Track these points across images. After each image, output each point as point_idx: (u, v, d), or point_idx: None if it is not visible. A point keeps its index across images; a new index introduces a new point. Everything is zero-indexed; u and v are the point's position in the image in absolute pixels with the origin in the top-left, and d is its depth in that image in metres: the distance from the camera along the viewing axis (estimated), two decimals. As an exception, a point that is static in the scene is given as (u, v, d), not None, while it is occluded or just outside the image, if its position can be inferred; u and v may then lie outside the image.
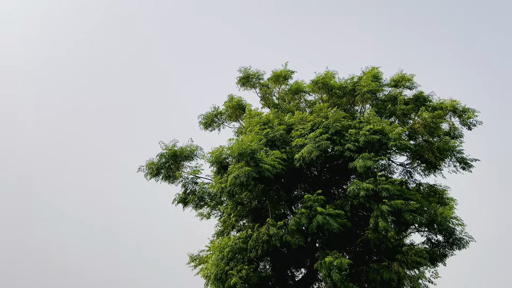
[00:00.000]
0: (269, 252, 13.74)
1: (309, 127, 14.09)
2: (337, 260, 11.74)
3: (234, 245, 13.58)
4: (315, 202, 12.81)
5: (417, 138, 14.75)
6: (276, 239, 12.40)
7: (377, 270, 12.46)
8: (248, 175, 12.63)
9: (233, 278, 12.85)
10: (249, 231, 13.93)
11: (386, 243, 12.54)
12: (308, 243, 13.67)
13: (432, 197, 14.54)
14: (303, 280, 16.31)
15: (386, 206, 11.83)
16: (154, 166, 16.00)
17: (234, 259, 13.49)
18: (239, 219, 15.81)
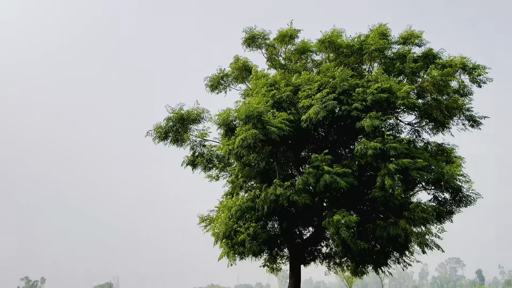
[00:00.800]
0: (277, 211, 14.01)
1: (316, 88, 13.98)
2: (345, 218, 12.00)
3: (242, 205, 13.88)
4: (322, 162, 12.91)
5: (425, 96, 14.58)
6: (283, 199, 12.61)
7: (384, 227, 12.69)
8: (255, 137, 12.70)
9: (241, 235, 13.23)
10: (257, 191, 14.15)
11: (393, 201, 12.66)
12: (316, 202, 13.85)
13: (440, 156, 14.53)
14: (311, 238, 16.69)
15: (393, 165, 11.89)
16: (162, 130, 16.11)
17: (243, 218, 13.82)
18: (247, 180, 16.00)
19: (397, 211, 13.14)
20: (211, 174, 18.57)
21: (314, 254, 17.48)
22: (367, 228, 13.24)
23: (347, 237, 11.94)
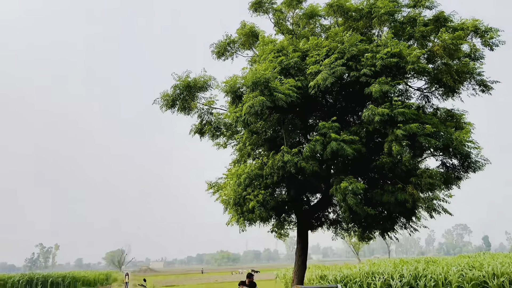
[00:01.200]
0: (285, 179, 14.11)
1: (324, 53, 13.75)
2: (352, 184, 12.03)
3: (250, 172, 13.98)
4: (330, 129, 12.86)
5: (436, 61, 14.30)
6: (290, 166, 12.65)
7: (391, 192, 12.73)
8: (262, 104, 12.61)
9: (251, 202, 13.39)
10: (265, 158, 14.22)
11: (401, 167, 12.64)
12: (323, 169, 13.87)
13: (449, 122, 14.38)
14: (318, 204, 16.85)
15: (401, 131, 11.80)
16: (169, 98, 16.05)
17: (251, 185, 13.94)
18: (254, 147, 16.04)
19: (405, 177, 13.14)
20: (218, 142, 18.64)
21: (321, 220, 17.70)
22: (374, 194, 13.30)
23: (353, 204, 12.01)
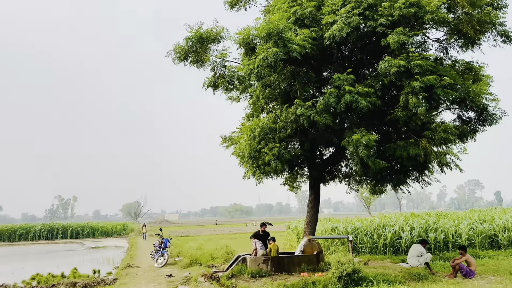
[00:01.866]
0: (298, 132, 14.12)
1: (340, 2, 13.30)
2: (364, 137, 11.97)
3: (264, 126, 13.99)
4: (344, 82, 12.68)
5: (456, 10, 13.75)
6: (304, 119, 12.60)
7: (404, 146, 12.69)
8: (276, 56, 12.41)
9: (266, 156, 13.52)
10: (278, 112, 14.19)
11: (415, 120, 12.51)
12: (337, 123, 13.81)
13: (467, 74, 14.05)
14: (331, 158, 16.94)
15: (417, 83, 11.58)
16: (182, 50, 15.87)
17: (265, 139, 14.01)
18: (268, 101, 15.98)
19: (419, 131, 13.05)
20: (232, 95, 18.59)
21: (334, 174, 17.85)
22: (387, 148, 13.28)
23: (365, 156, 12.00)
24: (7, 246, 47.70)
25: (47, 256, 32.49)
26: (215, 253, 20.47)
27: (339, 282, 11.00)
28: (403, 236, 19.03)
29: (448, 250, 18.84)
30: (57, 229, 58.99)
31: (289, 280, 12.32)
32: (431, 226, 19.83)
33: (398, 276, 12.02)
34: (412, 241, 18.42)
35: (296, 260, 14.18)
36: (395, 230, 19.61)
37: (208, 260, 18.82)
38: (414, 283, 11.59)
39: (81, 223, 64.57)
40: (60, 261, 27.20)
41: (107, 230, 61.84)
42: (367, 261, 15.99)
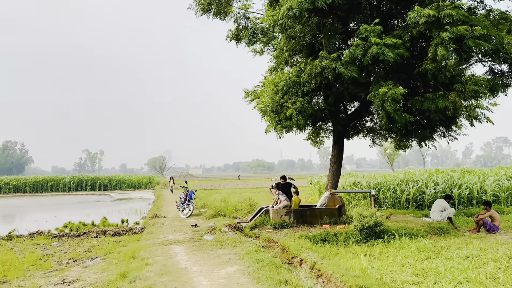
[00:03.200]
0: (322, 86, 13.88)
1: None
2: (391, 90, 11.66)
3: (288, 80, 13.76)
4: (371, 33, 12.21)
5: (493, -45, 12.88)
6: (329, 71, 12.32)
7: (432, 99, 12.33)
8: (301, 6, 12.00)
9: (288, 110, 13.34)
10: (302, 65, 13.90)
11: (445, 73, 12.07)
12: (362, 76, 13.47)
13: (502, 25, 13.33)
14: (356, 112, 16.69)
15: (447, 33, 11.05)
16: (205, 2, 15.54)
17: (289, 93, 13.82)
18: (292, 54, 15.63)
19: (448, 84, 12.63)
20: (255, 48, 18.31)
21: (358, 129, 17.66)
22: (414, 101, 12.94)
23: (391, 110, 11.74)
24: (40, 197, 49.92)
25: (77, 206, 33.92)
26: (239, 205, 20.94)
27: (361, 235, 11.12)
28: (426, 192, 18.96)
29: (472, 206, 18.74)
30: (86, 181, 61.21)
31: (311, 231, 12.56)
32: (455, 182, 19.65)
33: (420, 230, 12.07)
34: (435, 197, 18.35)
35: (318, 213, 14.38)
36: (419, 186, 19.53)
37: (231, 212, 19.29)
38: (436, 237, 11.63)
39: (108, 176, 66.67)
40: (90, 211, 28.39)
41: (133, 182, 63.80)
42: (389, 215, 16.09)
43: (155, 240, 13.04)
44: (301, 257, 9.64)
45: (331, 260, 8.95)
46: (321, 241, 11.25)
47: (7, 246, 14.14)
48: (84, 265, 11.08)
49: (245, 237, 12.84)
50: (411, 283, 6.96)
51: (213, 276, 8.14)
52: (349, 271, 7.84)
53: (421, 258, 8.81)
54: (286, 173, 23.28)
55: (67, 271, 10.38)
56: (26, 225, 19.40)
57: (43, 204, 37.40)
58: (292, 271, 8.59)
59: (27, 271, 10.49)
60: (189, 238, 13.21)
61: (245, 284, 7.39)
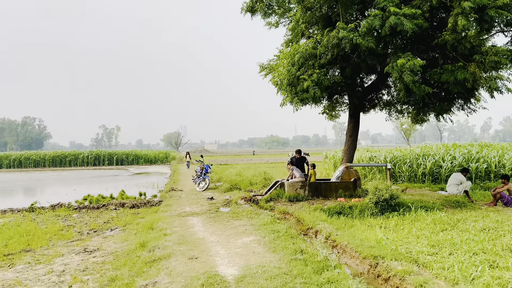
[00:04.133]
0: (339, 58, 13.67)
1: None
2: (409, 62, 11.43)
3: (304, 52, 13.58)
4: (390, 3, 11.91)
5: None
6: (346, 42, 12.10)
7: (451, 71, 12.07)
8: (317, -25, 11.73)
9: (305, 82, 13.21)
10: (319, 36, 13.67)
11: (465, 44, 11.75)
12: (380, 47, 13.21)
13: (527, -6, 12.84)
14: (373, 85, 16.45)
15: (468, 3, 10.68)
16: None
17: (305, 65, 13.66)
18: (308, 26, 15.35)
19: (468, 55, 12.32)
20: (270, 21, 18.02)
21: (375, 102, 17.45)
22: (433, 73, 12.67)
23: (410, 82, 11.53)
24: (59, 171, 50.99)
25: (96, 180, 34.61)
26: (254, 179, 21.10)
27: (376, 208, 11.15)
28: (443, 166, 18.80)
29: (489, 180, 18.54)
30: (103, 156, 62.22)
31: (326, 204, 12.63)
32: (473, 156, 19.41)
33: (436, 203, 12.04)
34: (452, 171, 18.19)
35: (333, 186, 14.42)
36: (435, 160, 19.35)
37: (247, 186, 19.46)
38: (452, 210, 11.59)
39: (125, 151, 67.61)
40: (108, 185, 28.94)
41: (150, 157, 64.60)
42: (405, 189, 16.05)
43: (172, 212, 13.28)
44: (316, 228, 9.74)
45: (346, 232, 9.03)
46: (336, 213, 11.33)
47: (30, 217, 14.58)
48: (104, 235, 11.39)
49: (260, 209, 12.99)
50: (426, 254, 7.00)
51: (229, 246, 8.30)
52: (364, 242, 7.91)
53: (436, 230, 8.83)
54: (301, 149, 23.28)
55: (88, 241, 10.70)
56: (47, 198, 19.93)
57: (62, 178, 38.25)
58: (307, 242, 8.71)
59: (50, 240, 10.84)
60: (205, 210, 13.42)
61: (261, 253, 7.52)
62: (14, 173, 48.47)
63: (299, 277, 6.00)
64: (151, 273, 6.87)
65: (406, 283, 5.67)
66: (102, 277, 7.23)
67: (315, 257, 7.03)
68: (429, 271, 6.11)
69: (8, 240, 10.76)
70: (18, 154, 61.33)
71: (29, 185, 31.82)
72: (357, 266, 7.15)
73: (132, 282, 6.65)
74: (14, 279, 7.36)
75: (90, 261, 8.50)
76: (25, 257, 9.15)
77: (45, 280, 7.30)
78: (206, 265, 6.93)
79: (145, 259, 7.85)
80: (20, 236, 11.21)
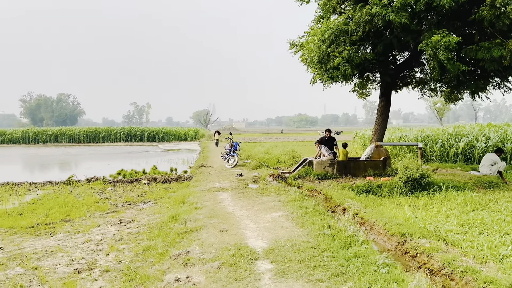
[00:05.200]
0: (371, 34, 13.40)
1: None
2: (444, 38, 11.11)
3: (335, 28, 13.36)
4: (426, -23, 11.54)
5: None
6: (378, 19, 11.84)
7: (487, 48, 11.66)
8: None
9: (335, 59, 13.03)
10: (351, 12, 13.43)
11: (503, 19, 11.28)
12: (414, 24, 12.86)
13: None
14: (405, 63, 16.09)
15: (510, -24, 10.27)
16: None
17: (336, 42, 13.46)
18: (340, 1, 15.08)
19: (506, 32, 11.87)
20: (302, -4, 17.74)
21: (407, 80, 17.09)
22: (468, 50, 12.29)
23: (444, 59, 11.22)
24: (93, 146, 52.59)
25: (128, 156, 35.56)
26: (282, 157, 21.21)
27: (405, 187, 11.08)
28: (476, 146, 18.34)
29: (525, 161, 18.00)
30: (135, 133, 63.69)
31: (354, 182, 12.64)
32: (509, 136, 18.82)
33: (467, 183, 11.86)
34: (486, 151, 17.73)
35: (362, 165, 14.38)
36: (469, 140, 18.90)
37: (275, 163, 19.61)
38: (484, 190, 11.40)
39: (156, 128, 68.91)
40: (140, 160, 29.71)
41: (180, 134, 65.66)
42: (436, 169, 15.82)
43: (202, 187, 13.62)
44: (344, 206, 9.82)
45: (374, 210, 9.07)
46: (365, 192, 11.35)
47: (67, 190, 15.26)
48: (137, 208, 11.83)
49: (288, 186, 13.14)
50: (455, 232, 6.99)
51: (258, 220, 8.51)
52: (392, 219, 7.94)
53: (467, 210, 8.74)
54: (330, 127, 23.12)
55: (123, 213, 11.16)
56: (82, 172, 20.71)
57: (96, 153, 39.50)
58: (334, 218, 8.81)
59: (87, 211, 11.37)
60: (234, 186, 13.68)
61: (289, 228, 7.69)
62: (51, 148, 50.35)
63: (326, 251, 6.14)
64: (183, 243, 7.16)
65: (434, 260, 5.72)
66: (137, 247, 7.58)
67: (343, 233, 7.14)
68: (458, 249, 6.13)
69: (49, 210, 11.36)
70: (54, 130, 63.53)
71: (65, 159, 33.06)
72: (384, 243, 7.22)
73: (166, 251, 6.96)
74: (56, 246, 7.83)
75: (125, 231, 8.90)
76: (65, 226, 9.66)
77: (84, 247, 7.72)
78: (236, 237, 7.16)
79: (177, 230, 8.16)
80: (59, 207, 11.80)
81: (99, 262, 6.80)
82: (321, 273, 5.23)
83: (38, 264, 6.74)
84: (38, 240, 8.42)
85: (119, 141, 62.12)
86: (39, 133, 62.28)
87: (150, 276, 5.77)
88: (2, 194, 14.49)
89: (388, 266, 5.47)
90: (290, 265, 5.58)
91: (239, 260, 5.84)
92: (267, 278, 5.14)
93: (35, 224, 9.82)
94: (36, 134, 62.05)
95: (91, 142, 61.56)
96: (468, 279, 4.98)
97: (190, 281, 5.24)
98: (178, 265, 6.01)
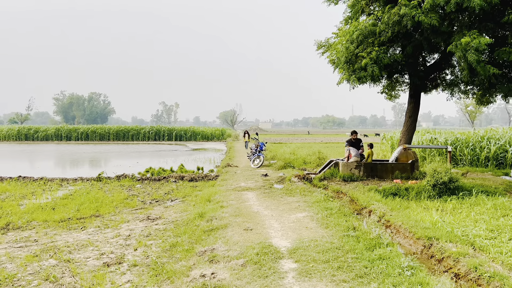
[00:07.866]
0: (400, 35, 13.25)
1: None
2: (475, 40, 10.87)
3: (363, 29, 13.25)
4: (457, -23, 11.32)
5: None
6: (407, 20, 11.69)
7: (521, 50, 11.36)
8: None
9: (363, 60, 12.93)
10: (379, 13, 13.31)
11: (539, 21, 10.99)
12: (444, 25, 12.64)
13: None
14: (435, 64, 15.81)
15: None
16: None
17: (364, 43, 13.36)
18: (368, 2, 14.96)
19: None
20: (330, -3, 17.67)
21: (437, 82, 16.78)
22: (501, 52, 11.97)
23: (474, 61, 10.97)
24: (122, 144, 53.79)
25: (156, 154, 36.21)
26: (308, 158, 21.19)
27: (434, 190, 10.90)
28: (509, 150, 17.84)
29: (561, 167, 17.38)
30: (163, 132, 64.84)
31: (381, 185, 12.53)
32: (544, 141, 18.24)
33: (498, 188, 11.57)
34: (519, 156, 17.24)
35: (389, 167, 14.23)
36: (501, 144, 18.39)
37: (301, 164, 19.61)
38: (516, 196, 11.10)
39: (184, 127, 69.90)
40: (168, 159, 30.22)
41: (207, 134, 66.38)
42: (466, 173, 15.49)
43: (228, 187, 13.78)
44: (369, 208, 9.76)
45: (401, 213, 8.98)
46: (391, 194, 11.22)
47: (97, 186, 15.71)
48: (165, 205, 12.09)
49: (313, 187, 13.14)
50: (483, 237, 6.86)
51: (283, 220, 8.57)
52: (419, 223, 7.86)
53: (497, 215, 8.55)
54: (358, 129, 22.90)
55: (151, 209, 11.42)
56: (112, 169, 21.27)
57: (125, 151, 40.39)
58: (360, 220, 8.78)
59: (116, 207, 11.69)
60: (260, 186, 13.78)
61: (313, 229, 7.72)
62: (82, 145, 51.81)
63: (351, 252, 6.15)
64: (209, 241, 7.31)
65: (460, 264, 5.65)
66: (164, 243, 7.78)
67: (368, 235, 7.12)
68: (486, 255, 6.02)
69: (80, 205, 11.75)
70: (85, 128, 65.38)
71: (96, 157, 33.96)
72: (410, 246, 7.16)
73: (192, 248, 7.12)
74: (86, 240, 8.11)
75: (153, 228, 9.13)
76: (95, 221, 9.98)
77: (113, 242, 7.97)
78: (260, 236, 7.25)
79: (203, 228, 8.32)
80: (90, 202, 12.18)
81: (127, 256, 7.02)
82: (344, 274, 5.26)
83: (70, 256, 7.02)
84: (70, 234, 8.74)
85: (148, 140, 63.34)
86: (71, 131, 64.23)
87: (176, 271, 5.92)
88: (36, 189, 15.05)
89: (413, 269, 5.44)
90: (314, 265, 5.63)
91: (263, 258, 5.93)
92: (290, 277, 5.21)
93: (67, 219, 10.19)
94: (68, 132, 64.05)
95: (120, 140, 63.01)
96: (496, 284, 4.91)
97: (215, 277, 5.36)
98: (203, 261, 6.14)
